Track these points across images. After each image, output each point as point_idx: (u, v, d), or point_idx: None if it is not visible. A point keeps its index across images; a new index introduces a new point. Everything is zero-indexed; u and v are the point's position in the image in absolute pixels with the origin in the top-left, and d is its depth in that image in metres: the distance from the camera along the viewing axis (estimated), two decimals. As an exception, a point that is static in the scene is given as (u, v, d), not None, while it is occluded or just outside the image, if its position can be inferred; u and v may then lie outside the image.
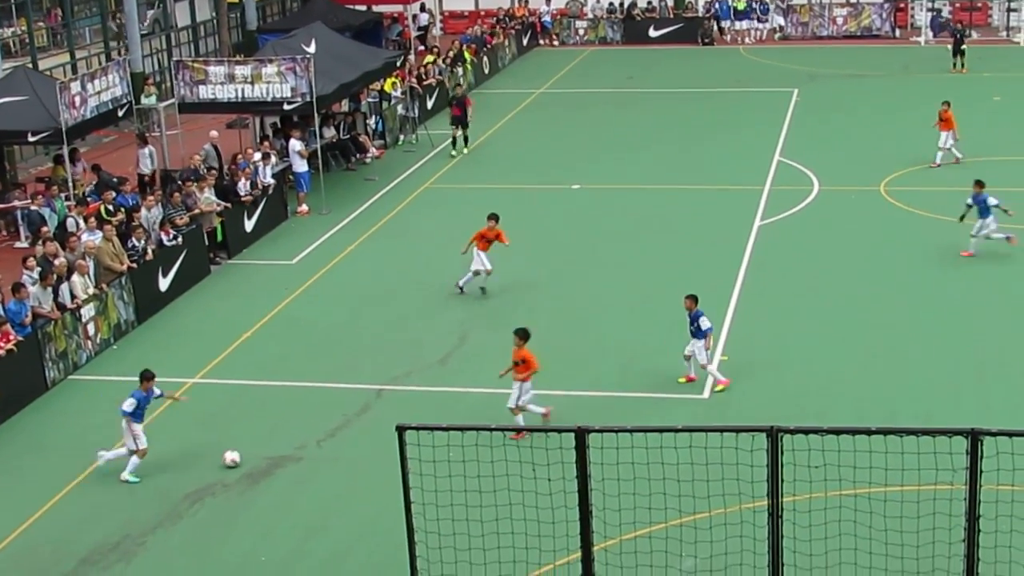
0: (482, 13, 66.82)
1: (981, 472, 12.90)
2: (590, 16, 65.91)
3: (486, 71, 55.28)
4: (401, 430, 13.91)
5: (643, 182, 37.51)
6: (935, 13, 62.74)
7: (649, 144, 42.33)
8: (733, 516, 15.63)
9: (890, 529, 14.41)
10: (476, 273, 28.51)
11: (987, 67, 53.18)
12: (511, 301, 28.12)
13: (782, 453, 13.23)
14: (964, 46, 53.63)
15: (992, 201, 29.52)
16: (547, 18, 65.45)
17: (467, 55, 52.96)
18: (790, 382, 23.19)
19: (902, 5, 64.15)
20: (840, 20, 63.67)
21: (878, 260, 29.86)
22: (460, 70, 51.44)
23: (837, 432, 13.30)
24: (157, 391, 21.12)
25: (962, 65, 53.22)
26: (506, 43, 59.45)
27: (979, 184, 29.81)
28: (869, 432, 13.16)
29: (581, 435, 13.56)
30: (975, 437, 12.78)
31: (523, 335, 21.63)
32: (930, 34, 61.57)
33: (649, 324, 26.46)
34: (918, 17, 63.29)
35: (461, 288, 28.63)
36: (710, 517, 16.35)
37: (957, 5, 64.34)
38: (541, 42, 64.85)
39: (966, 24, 59.18)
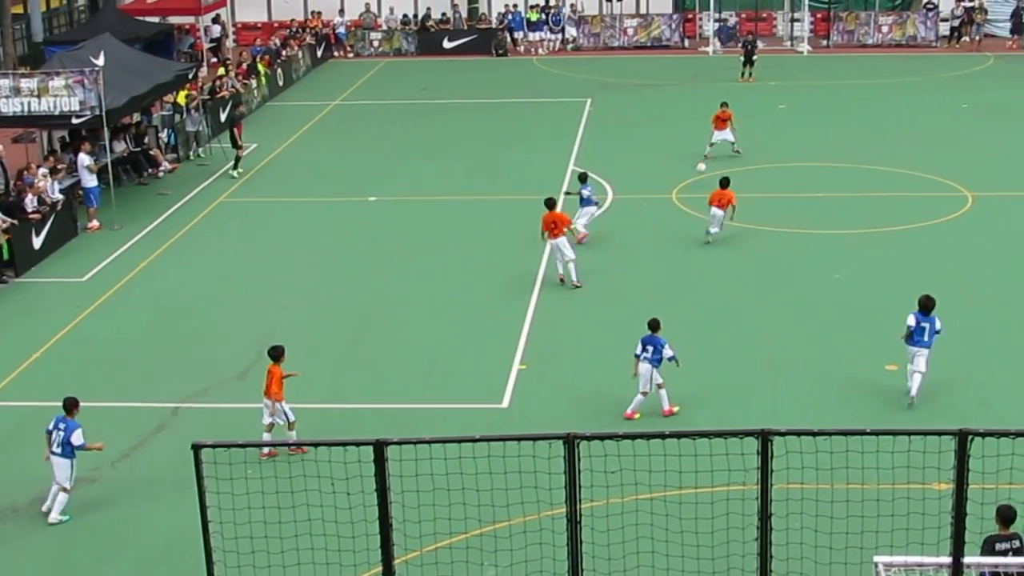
0: (276, 24, 66.21)
1: (772, 471, 13.20)
2: (384, 27, 65.80)
3: (280, 83, 54.81)
4: (197, 448, 13.69)
5: (440, 193, 37.60)
6: (722, 23, 64.21)
7: (446, 155, 42.44)
8: (533, 524, 15.75)
9: (686, 531, 14.68)
10: (568, 261, 28.97)
11: (773, 76, 54.57)
12: (310, 314, 27.93)
13: (579, 459, 13.36)
14: (755, 56, 55.01)
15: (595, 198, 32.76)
16: (341, 29, 65.16)
17: (261, 67, 52.44)
18: (589, 389, 23.44)
19: (690, 16, 65.43)
20: (631, 31, 64.70)
21: (671, 265, 30.42)
22: (254, 83, 50.92)
23: (632, 437, 13.49)
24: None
25: (750, 74, 54.54)
26: (300, 55, 59.01)
27: (583, 177, 32.72)
28: (663, 436, 13.38)
29: (380, 448, 13.51)
30: (765, 437, 13.08)
31: (271, 353, 21.27)
32: (718, 44, 62.99)
33: (448, 335, 26.54)
34: (706, 27, 64.62)
35: (574, 283, 29.01)
36: (510, 526, 16.44)
37: (743, 16, 65.86)
38: (336, 54, 64.55)
39: (755, 34, 60.66)
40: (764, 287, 28.85)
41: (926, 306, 22.41)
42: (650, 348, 21.96)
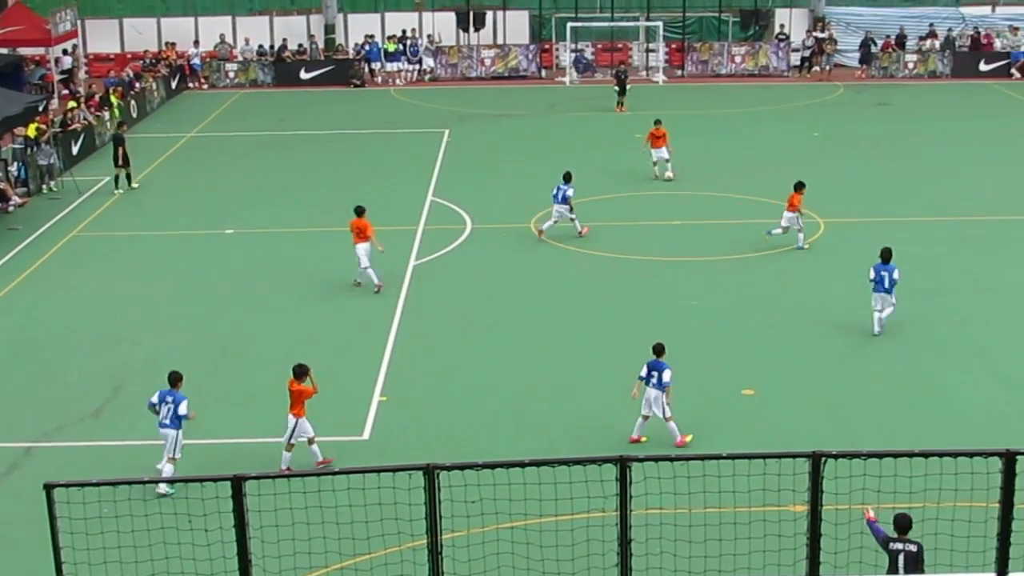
0: (129, 56, 65.38)
1: (631, 497, 13.26)
2: (240, 59, 65.32)
3: (134, 115, 54.06)
4: (49, 488, 13.40)
5: (298, 225, 37.36)
6: (578, 54, 64.80)
7: (303, 186, 42.20)
8: (394, 556, 15.67)
9: (547, 559, 14.69)
10: (364, 269, 30.76)
11: (631, 106, 55.09)
12: (166, 349, 27.53)
13: (439, 490, 13.30)
14: (628, 86, 55.55)
15: (569, 192, 34.55)
16: (196, 61, 64.51)
17: (114, 99, 51.72)
18: (450, 419, 23.42)
19: (547, 47, 65.95)
20: (488, 61, 65.02)
21: (530, 293, 30.54)
22: (107, 115, 50.19)
23: (492, 466, 13.46)
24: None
25: (621, 104, 55.08)
26: (154, 86, 58.32)
27: (566, 177, 34.81)
28: (523, 464, 13.36)
29: (238, 483, 13.33)
30: (624, 464, 13.13)
31: (295, 371, 21.66)
32: (575, 74, 63.57)
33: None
34: (563, 58, 65.18)
35: (376, 285, 30.85)
36: (371, 559, 16.34)
37: (599, 46, 66.55)
38: (191, 85, 63.91)
39: (625, 63, 61.38)
40: (623, 314, 29.06)
41: (884, 257, 26.87)
42: (655, 373, 21.95)
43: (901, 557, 15.14)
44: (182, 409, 20.72)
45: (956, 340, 27.27)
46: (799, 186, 33.52)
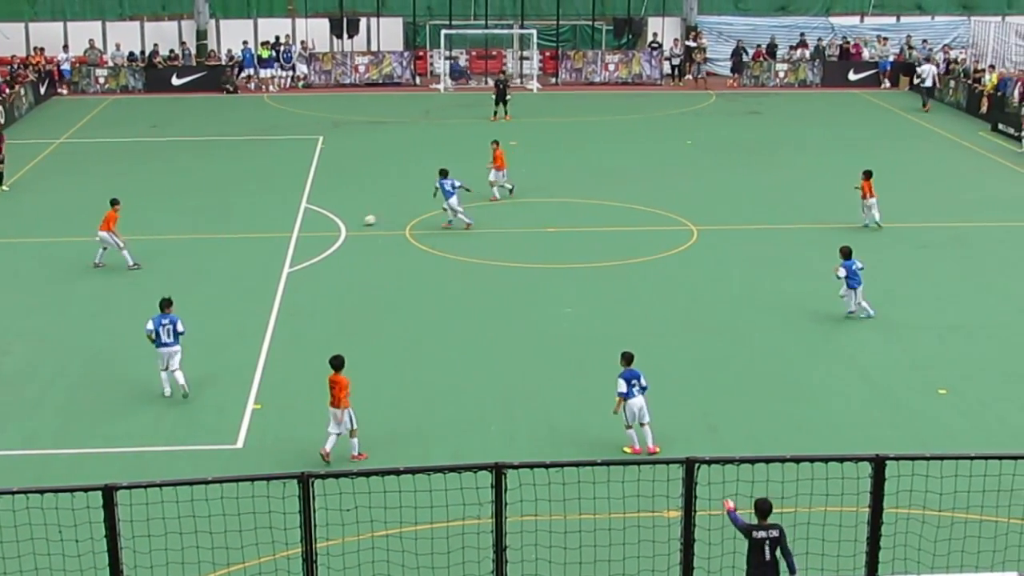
0: (-4, 60, 64.24)
1: (506, 504, 13.33)
2: (111, 64, 64.43)
3: (2, 120, 53.02)
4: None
5: (171, 232, 36.92)
6: (453, 61, 64.89)
7: (175, 193, 41.72)
8: (268, 565, 15.56)
9: (422, 566, 14.71)
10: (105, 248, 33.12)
11: (508, 112, 55.23)
12: (35, 357, 27.03)
13: (314, 498, 13.26)
14: (509, 96, 55.56)
15: (456, 183, 36.10)
16: (66, 66, 63.53)
17: (-21, 105, 50.81)
18: (324, 428, 23.26)
19: (421, 54, 65.93)
20: (362, 68, 64.87)
21: (405, 301, 30.49)
22: (-27, 119, 49.30)
23: (367, 474, 13.45)
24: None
25: (505, 113, 55.04)
26: (22, 92, 57.29)
27: (444, 172, 36.08)
28: (397, 472, 13.39)
29: (109, 493, 13.18)
30: (499, 471, 13.21)
31: (332, 363, 21.99)
32: (449, 81, 63.64)
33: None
34: (437, 65, 65.20)
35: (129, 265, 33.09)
36: (245, 568, 16.20)
37: (473, 54, 66.68)
38: (60, 90, 62.91)
39: (507, 73, 61.56)
40: (497, 321, 29.11)
41: (847, 254, 28.73)
42: (635, 381, 21.87)
43: (767, 545, 15.12)
44: (180, 327, 24.37)
45: (827, 346, 27.70)
46: (869, 174, 36.03)
